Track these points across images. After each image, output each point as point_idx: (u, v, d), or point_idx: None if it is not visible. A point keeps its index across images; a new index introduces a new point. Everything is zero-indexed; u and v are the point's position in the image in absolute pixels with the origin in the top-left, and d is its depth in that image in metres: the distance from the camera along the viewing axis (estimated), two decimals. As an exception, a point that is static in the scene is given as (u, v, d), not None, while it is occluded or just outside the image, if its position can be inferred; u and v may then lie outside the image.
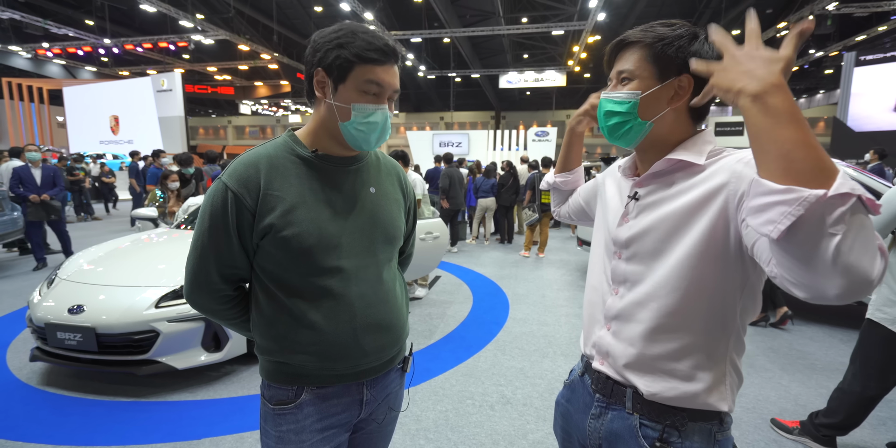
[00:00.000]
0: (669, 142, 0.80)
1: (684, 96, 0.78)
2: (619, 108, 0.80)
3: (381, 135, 0.91)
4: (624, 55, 0.81)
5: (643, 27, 0.80)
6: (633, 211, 0.84)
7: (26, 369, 2.78)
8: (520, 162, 9.10)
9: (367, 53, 0.84)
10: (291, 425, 0.92)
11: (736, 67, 0.58)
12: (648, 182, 0.83)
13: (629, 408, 0.81)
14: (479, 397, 2.52)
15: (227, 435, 2.14)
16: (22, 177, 5.23)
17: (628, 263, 0.83)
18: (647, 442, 0.78)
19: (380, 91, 0.88)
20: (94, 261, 2.97)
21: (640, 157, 0.87)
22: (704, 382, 0.76)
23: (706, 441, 0.77)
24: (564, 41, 18.62)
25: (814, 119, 26.23)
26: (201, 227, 0.89)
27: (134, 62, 21.01)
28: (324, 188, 0.91)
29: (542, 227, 6.42)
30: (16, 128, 18.13)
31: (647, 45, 0.78)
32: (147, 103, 15.43)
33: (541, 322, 3.74)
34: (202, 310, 0.96)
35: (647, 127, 0.80)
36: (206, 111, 33.81)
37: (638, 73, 0.78)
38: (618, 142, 0.83)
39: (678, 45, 0.76)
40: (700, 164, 0.76)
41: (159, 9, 12.69)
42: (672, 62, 0.76)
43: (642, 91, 0.78)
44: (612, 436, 0.83)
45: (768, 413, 2.37)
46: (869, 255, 0.50)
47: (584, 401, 0.91)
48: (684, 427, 0.77)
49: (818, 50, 16.19)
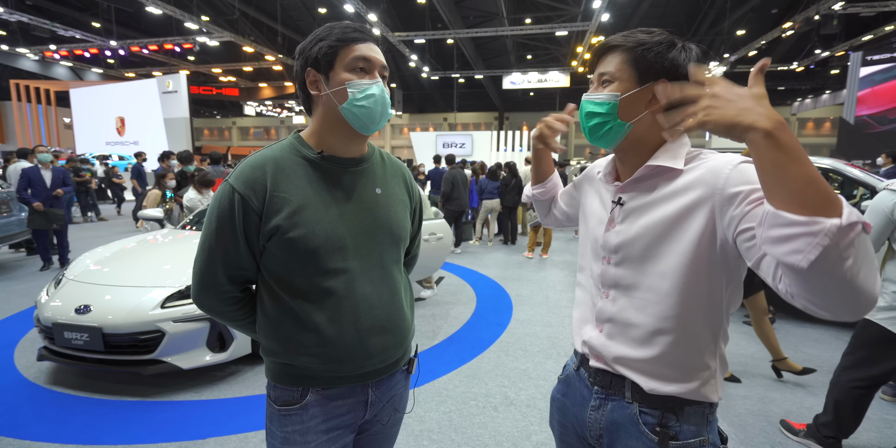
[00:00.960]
0: (648, 144, 0.84)
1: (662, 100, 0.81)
2: (599, 109, 0.83)
3: (382, 109, 0.91)
4: (606, 59, 0.85)
5: (625, 33, 0.84)
6: (619, 216, 0.87)
7: (34, 368, 2.81)
8: (524, 163, 9.10)
9: (345, 35, 0.89)
10: (297, 426, 0.92)
11: (730, 104, 0.59)
12: (631, 187, 0.86)
13: (629, 398, 0.85)
14: (483, 398, 2.52)
15: (232, 435, 2.15)
16: (31, 178, 5.04)
17: (618, 268, 0.86)
18: (648, 428, 0.82)
19: (368, 66, 0.90)
20: (100, 261, 2.99)
21: (620, 159, 0.91)
22: (699, 378, 0.81)
23: (700, 423, 0.82)
24: (568, 42, 18.61)
25: (820, 119, 26.07)
26: (208, 229, 0.90)
27: (139, 64, 21.18)
28: (330, 189, 0.92)
29: (546, 228, 6.42)
30: (23, 129, 18.31)
31: (627, 49, 0.81)
32: (152, 105, 15.53)
33: (544, 323, 3.74)
34: (209, 311, 0.97)
35: (627, 128, 0.83)
36: (211, 112, 34.03)
37: (618, 76, 0.82)
38: (598, 142, 0.86)
39: (657, 50, 0.79)
40: (680, 169, 0.80)
41: (165, 11, 12.79)
42: (651, 67, 0.79)
43: (622, 93, 0.81)
44: (613, 425, 0.87)
45: (774, 415, 2.35)
46: (874, 275, 0.56)
47: (581, 394, 0.94)
48: (681, 411, 0.82)
49: (824, 50, 16.07)
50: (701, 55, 0.82)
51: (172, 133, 15.24)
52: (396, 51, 16.90)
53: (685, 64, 0.79)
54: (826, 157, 4.14)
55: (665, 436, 0.80)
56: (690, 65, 0.77)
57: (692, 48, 0.81)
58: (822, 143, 25.35)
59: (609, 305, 0.88)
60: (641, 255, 0.82)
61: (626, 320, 0.85)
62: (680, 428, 0.81)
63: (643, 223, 0.82)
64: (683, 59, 0.79)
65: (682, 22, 17.79)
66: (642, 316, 0.82)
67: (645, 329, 0.82)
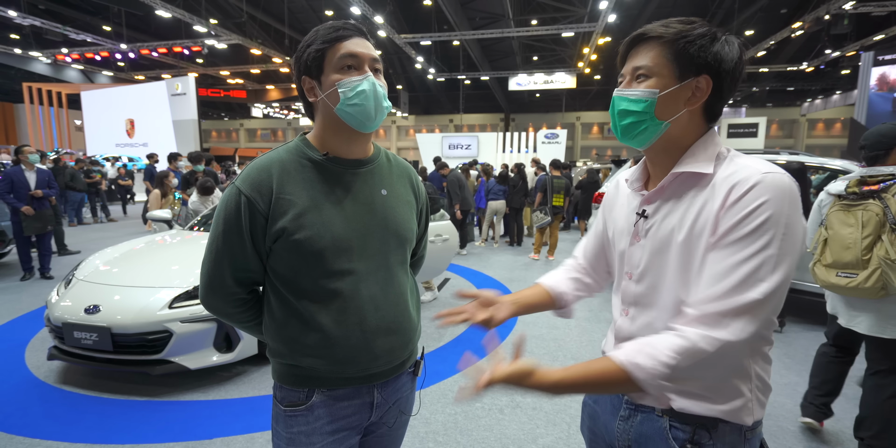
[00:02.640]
0: (682, 144, 0.78)
1: (702, 98, 0.75)
2: (634, 108, 0.77)
3: (377, 105, 0.89)
4: (641, 51, 0.78)
5: (661, 22, 0.77)
6: (643, 230, 0.82)
7: (44, 367, 2.84)
8: (531, 164, 9.07)
9: (329, 35, 0.88)
10: (303, 427, 0.92)
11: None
12: (656, 198, 0.81)
13: (658, 411, 0.80)
14: (489, 401, 2.51)
15: (239, 435, 2.15)
16: (14, 180, 4.62)
17: (638, 285, 0.82)
18: (678, 443, 0.77)
19: (356, 63, 0.89)
20: (109, 262, 3.02)
21: (651, 160, 0.85)
22: (730, 401, 0.74)
23: (737, 441, 0.76)
24: (574, 43, 18.55)
25: (830, 120, 25.75)
26: (216, 232, 0.91)
27: (149, 67, 21.44)
28: (335, 191, 0.92)
29: (552, 229, 6.41)
30: (35, 131, 18.57)
31: (668, 41, 0.74)
32: (162, 107, 15.68)
33: (550, 326, 3.72)
34: (217, 313, 0.97)
35: (664, 127, 0.77)
36: (219, 114, 34.31)
37: (656, 71, 0.75)
38: (631, 142, 0.80)
39: (700, 43, 0.73)
40: (708, 173, 0.74)
41: (174, 14, 12.94)
42: (692, 61, 0.73)
43: (660, 90, 0.75)
44: (641, 438, 0.82)
45: (784, 420, 2.32)
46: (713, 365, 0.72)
47: (611, 402, 0.89)
48: (715, 429, 0.75)
49: (834, 50, 15.89)
50: (741, 49, 0.76)
51: (181, 135, 15.38)
52: (402, 52, 16.96)
53: (729, 59, 0.73)
54: (837, 159, 4.09)
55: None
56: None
57: (734, 41, 0.75)
58: (833, 144, 25.05)
59: (627, 324, 0.84)
60: (663, 272, 0.77)
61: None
62: (713, 445, 0.75)
63: (664, 237, 0.77)
64: (728, 53, 0.73)
65: (690, 22, 17.65)
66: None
67: None
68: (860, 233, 1.79)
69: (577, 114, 28.98)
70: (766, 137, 17.21)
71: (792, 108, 26.31)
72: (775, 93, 26.08)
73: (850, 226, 1.83)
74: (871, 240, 1.76)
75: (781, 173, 0.69)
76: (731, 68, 0.74)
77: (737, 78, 0.76)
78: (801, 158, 3.91)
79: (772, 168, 0.70)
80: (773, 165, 0.71)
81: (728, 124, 16.86)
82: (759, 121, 16.64)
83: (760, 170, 0.69)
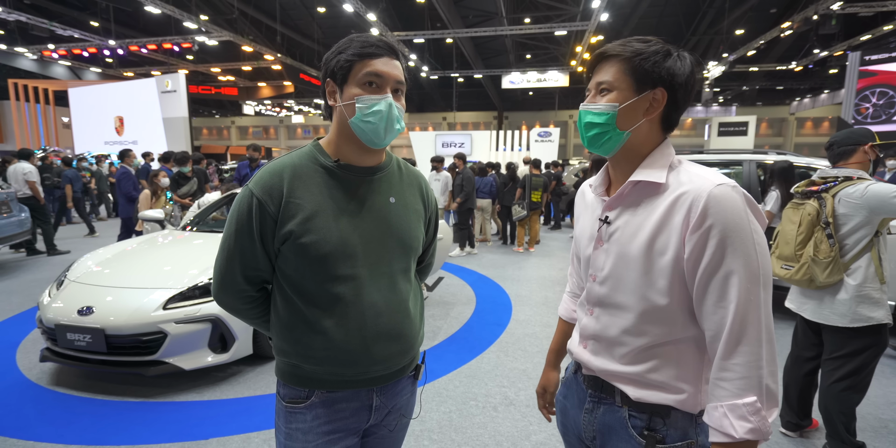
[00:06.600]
0: (641, 151, 0.86)
1: (658, 108, 0.84)
2: (598, 120, 0.84)
3: (388, 126, 0.92)
4: (603, 67, 0.86)
5: (621, 42, 0.86)
6: (606, 236, 0.88)
7: (36, 369, 2.82)
8: (522, 163, 9.10)
9: (362, 50, 0.90)
10: (300, 424, 0.95)
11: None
12: (616, 204, 0.88)
13: (618, 402, 0.88)
14: (483, 398, 2.54)
15: (234, 435, 2.16)
16: (133, 179, 5.51)
17: (602, 286, 0.89)
18: (636, 431, 0.85)
19: (379, 82, 0.91)
20: (102, 262, 3.00)
21: (613, 166, 0.92)
22: (687, 391, 0.82)
23: (688, 425, 0.84)
24: (567, 41, 18.60)
25: (818, 119, 26.10)
26: (228, 231, 0.94)
27: (138, 63, 21.11)
28: (344, 197, 0.94)
29: (531, 223, 6.85)
30: (22, 129, 18.25)
31: (626, 58, 0.82)
32: (151, 104, 15.48)
33: (543, 323, 3.76)
34: (228, 308, 1.01)
35: (625, 136, 0.85)
36: (210, 112, 33.93)
37: (616, 85, 0.83)
38: (597, 151, 0.89)
39: (654, 59, 0.81)
40: (662, 183, 0.81)
41: (163, 10, 12.75)
42: (648, 75, 0.81)
43: (620, 103, 0.83)
44: (604, 427, 0.90)
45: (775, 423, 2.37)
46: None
47: (578, 397, 0.97)
48: (668, 416, 0.84)
49: (823, 50, 16.10)
50: (695, 63, 0.84)
51: (171, 132, 15.20)
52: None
53: (681, 73, 0.82)
54: (824, 158, 4.17)
55: (652, 439, 0.83)
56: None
57: (686, 56, 0.84)
58: (821, 142, 25.24)
59: (592, 323, 0.91)
60: (624, 275, 0.84)
61: (610, 339, 0.87)
62: (667, 431, 0.83)
63: (626, 242, 0.84)
64: (679, 68, 0.82)
65: (681, 21, 17.81)
66: (625, 336, 0.85)
67: (629, 347, 0.84)
68: (797, 230, 1.94)
69: (569, 112, 29.06)
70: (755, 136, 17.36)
71: (781, 107, 26.62)
72: (765, 92, 26.38)
73: (793, 222, 1.98)
74: (803, 236, 1.92)
75: (731, 185, 0.76)
76: (684, 81, 0.82)
77: (689, 90, 0.83)
78: (788, 158, 3.98)
79: (721, 179, 0.76)
80: (721, 176, 0.77)
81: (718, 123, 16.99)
82: (749, 119, 16.80)
83: (714, 181, 0.76)
